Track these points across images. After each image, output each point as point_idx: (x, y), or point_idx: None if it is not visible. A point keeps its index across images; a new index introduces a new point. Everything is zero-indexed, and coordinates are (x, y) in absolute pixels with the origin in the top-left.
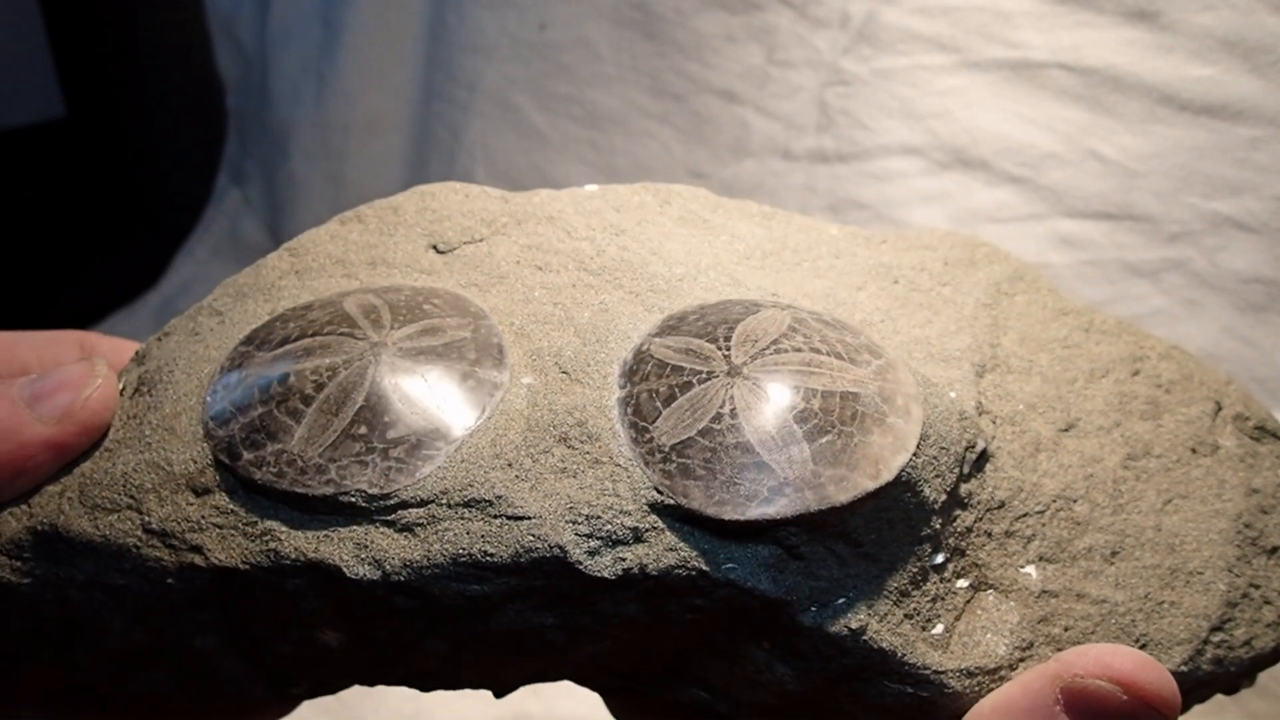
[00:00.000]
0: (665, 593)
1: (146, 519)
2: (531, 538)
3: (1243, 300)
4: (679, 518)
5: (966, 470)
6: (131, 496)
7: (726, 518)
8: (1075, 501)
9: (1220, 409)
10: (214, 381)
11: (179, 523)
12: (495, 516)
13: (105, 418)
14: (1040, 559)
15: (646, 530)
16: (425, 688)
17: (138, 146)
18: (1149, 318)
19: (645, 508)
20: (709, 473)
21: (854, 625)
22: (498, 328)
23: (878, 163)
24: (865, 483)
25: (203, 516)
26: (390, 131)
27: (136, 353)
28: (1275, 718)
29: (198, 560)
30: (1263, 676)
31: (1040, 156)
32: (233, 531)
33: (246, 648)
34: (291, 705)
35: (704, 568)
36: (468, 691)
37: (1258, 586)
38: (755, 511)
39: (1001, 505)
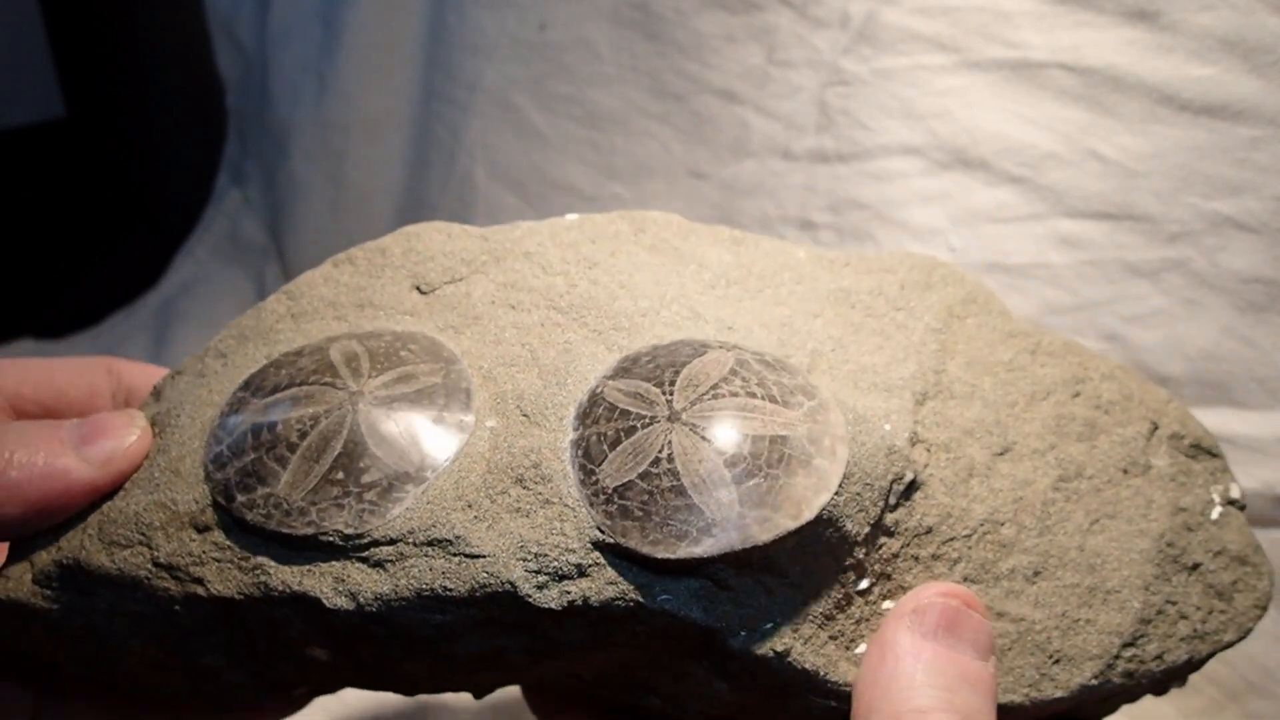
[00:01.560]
0: (608, 621)
1: (155, 554)
2: (486, 574)
3: (1243, 300)
4: (618, 555)
5: (893, 501)
6: (142, 534)
7: (659, 556)
8: (1003, 524)
9: (1156, 429)
10: (214, 426)
11: (183, 557)
12: (454, 554)
13: (139, 465)
14: (965, 580)
15: (589, 566)
16: (411, 693)
17: (138, 146)
18: (1149, 317)
19: (589, 545)
20: (645, 514)
21: (779, 648)
22: (467, 372)
23: (878, 163)
24: (787, 523)
25: (204, 552)
26: (390, 131)
27: (154, 388)
28: (1275, 718)
29: (200, 591)
30: (1263, 677)
31: (1040, 156)
32: (229, 565)
33: (249, 663)
34: (300, 704)
35: (640, 599)
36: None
37: (1174, 603)
38: (684, 551)
39: (929, 531)
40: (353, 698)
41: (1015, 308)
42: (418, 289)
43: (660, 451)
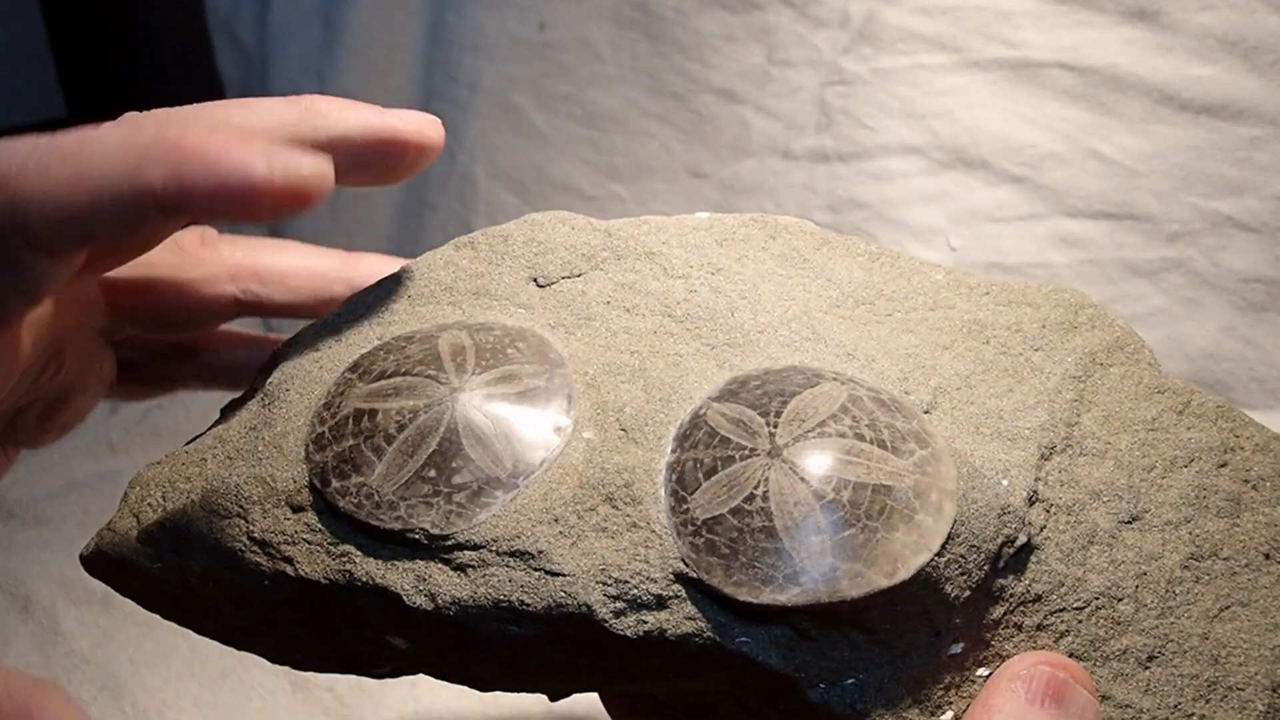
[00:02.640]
0: (684, 655)
1: (251, 528)
2: (564, 594)
3: (1243, 300)
4: (700, 590)
5: (1001, 565)
6: (241, 506)
7: (740, 598)
8: (1120, 600)
9: None
10: (320, 405)
11: (276, 535)
12: (535, 569)
13: (313, 198)
14: (1071, 655)
15: (670, 598)
16: (484, 690)
17: None
18: (1149, 317)
19: (671, 576)
20: (732, 552)
21: (859, 707)
22: (571, 377)
23: (878, 162)
24: (880, 580)
25: (296, 532)
26: None
27: (271, 355)
28: None
29: (288, 570)
30: None
31: (1040, 156)
32: (318, 548)
33: (331, 640)
34: (383, 678)
35: (718, 639)
36: (465, 689)
37: None
38: (768, 597)
39: (1038, 599)
40: (352, 696)
41: None
42: (534, 281)
43: (756, 488)
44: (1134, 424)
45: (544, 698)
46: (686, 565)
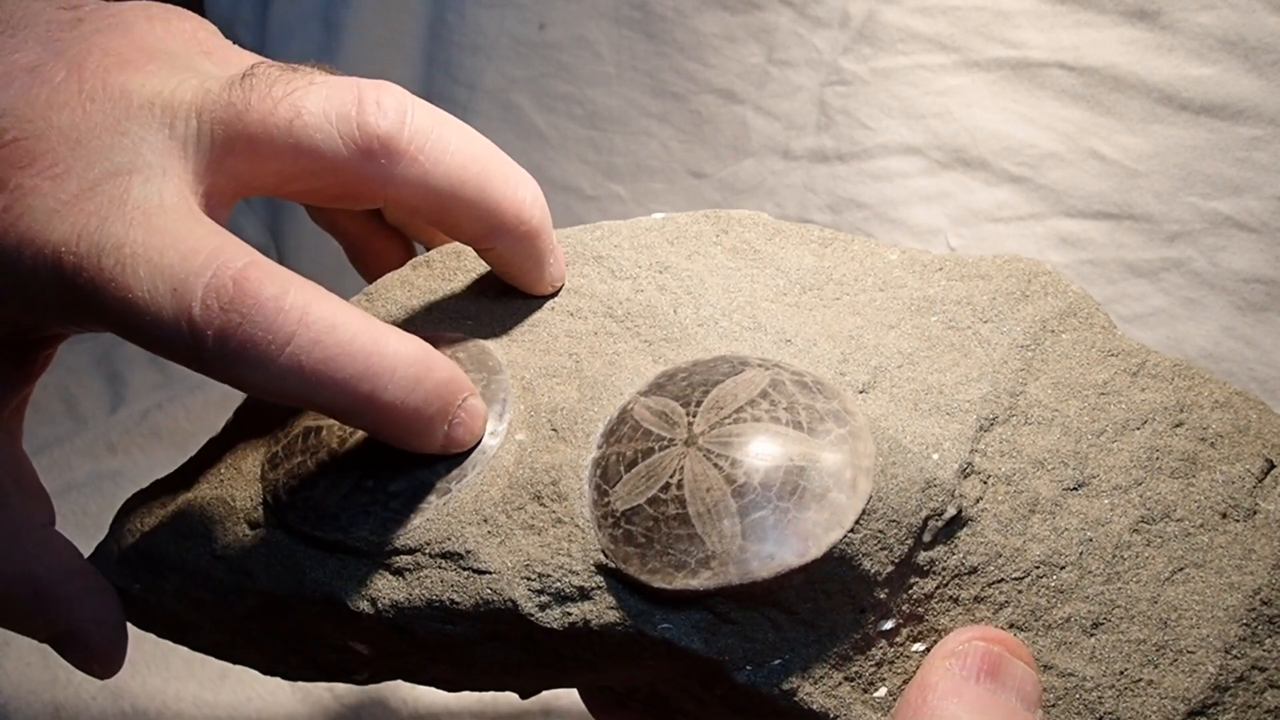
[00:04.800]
0: (613, 644)
1: (214, 546)
2: (490, 591)
3: (1243, 300)
4: (620, 580)
5: (929, 539)
6: (205, 526)
7: (655, 585)
8: (1063, 568)
9: (1273, 467)
10: (276, 428)
11: (236, 550)
12: (464, 569)
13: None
14: (1011, 626)
15: (592, 589)
16: (452, 690)
17: None
18: (1149, 317)
19: (592, 568)
20: (648, 541)
21: (785, 686)
22: (508, 383)
23: (877, 162)
24: (790, 560)
25: (253, 547)
26: None
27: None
28: None
29: (249, 583)
30: None
31: (1040, 156)
32: (273, 561)
33: (301, 649)
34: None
35: (640, 627)
36: (463, 692)
37: (1263, 669)
38: (680, 582)
39: (973, 571)
40: (351, 696)
41: None
42: (484, 294)
43: (672, 477)
44: (1084, 389)
45: (544, 698)
46: (606, 556)
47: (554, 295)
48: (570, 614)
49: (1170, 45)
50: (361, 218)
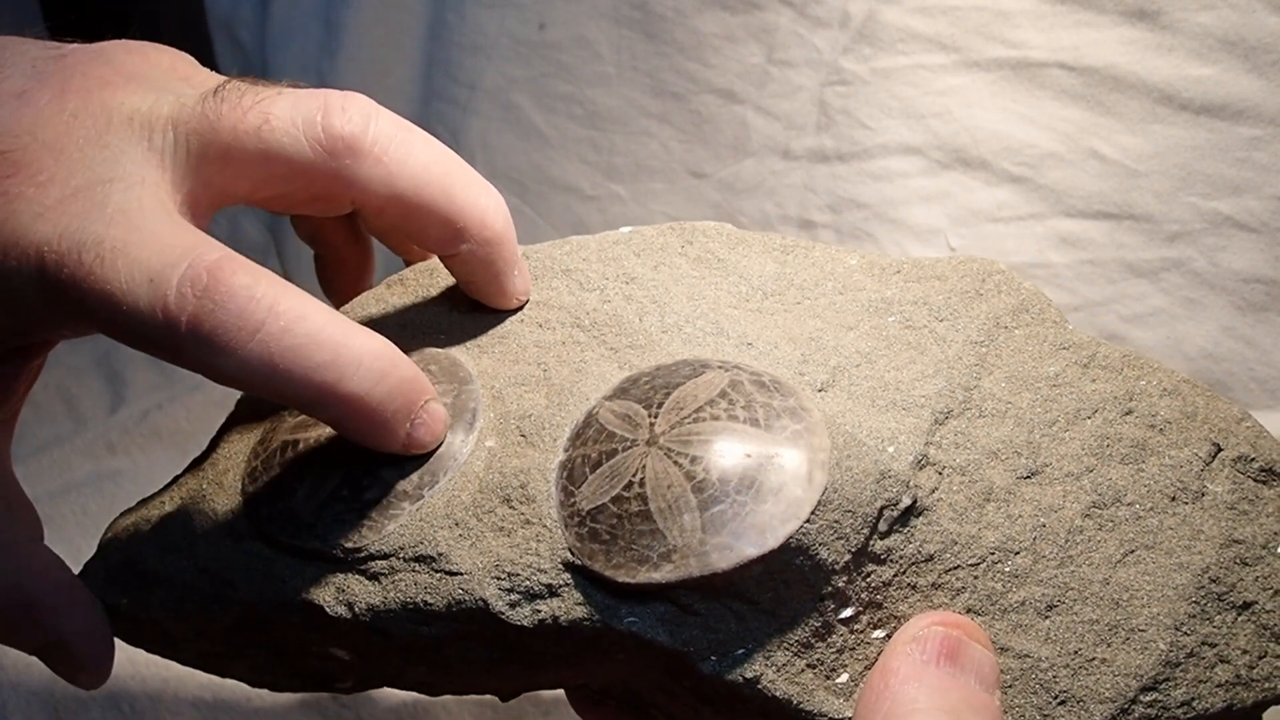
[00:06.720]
0: (582, 639)
1: (197, 560)
2: (461, 591)
3: (1243, 300)
4: (586, 577)
5: (885, 528)
6: (189, 540)
7: (619, 580)
8: (1018, 554)
9: (1219, 450)
10: (255, 443)
11: (219, 563)
12: (437, 571)
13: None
14: (968, 611)
15: (560, 586)
16: (433, 694)
17: None
18: (1149, 317)
19: (560, 566)
20: (612, 538)
21: (749, 675)
22: (478, 393)
23: (878, 162)
24: (749, 551)
25: (234, 559)
26: None
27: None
28: (1275, 715)
29: (232, 594)
30: None
31: (1040, 156)
32: (254, 572)
33: (285, 658)
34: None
35: (607, 621)
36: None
37: (1213, 645)
38: (643, 576)
39: (930, 559)
40: (350, 696)
41: None
42: (455, 309)
43: (634, 476)
44: (1037, 381)
45: (544, 698)
46: (573, 554)
47: (520, 309)
48: (540, 611)
49: (1170, 45)
50: (341, 229)
